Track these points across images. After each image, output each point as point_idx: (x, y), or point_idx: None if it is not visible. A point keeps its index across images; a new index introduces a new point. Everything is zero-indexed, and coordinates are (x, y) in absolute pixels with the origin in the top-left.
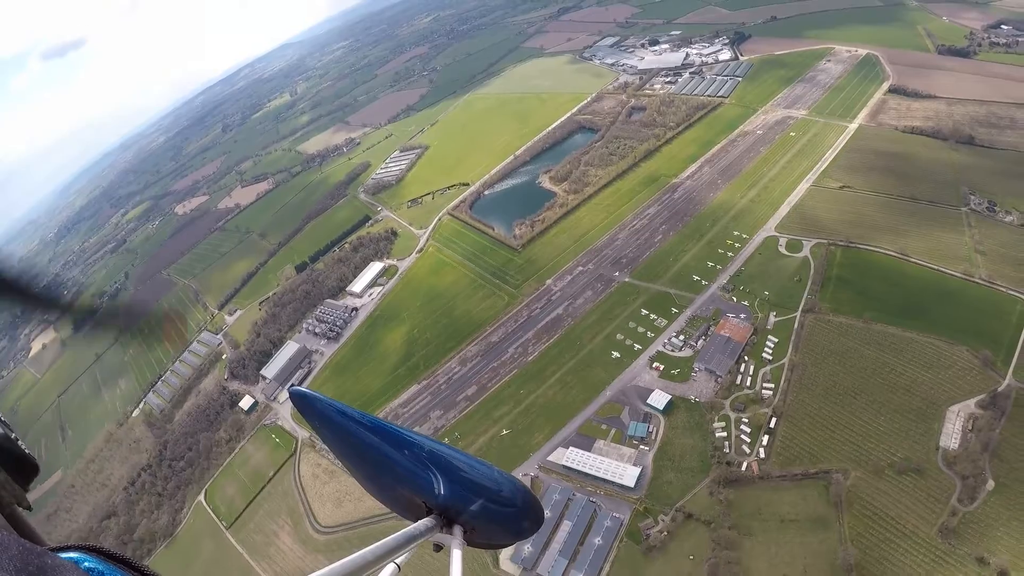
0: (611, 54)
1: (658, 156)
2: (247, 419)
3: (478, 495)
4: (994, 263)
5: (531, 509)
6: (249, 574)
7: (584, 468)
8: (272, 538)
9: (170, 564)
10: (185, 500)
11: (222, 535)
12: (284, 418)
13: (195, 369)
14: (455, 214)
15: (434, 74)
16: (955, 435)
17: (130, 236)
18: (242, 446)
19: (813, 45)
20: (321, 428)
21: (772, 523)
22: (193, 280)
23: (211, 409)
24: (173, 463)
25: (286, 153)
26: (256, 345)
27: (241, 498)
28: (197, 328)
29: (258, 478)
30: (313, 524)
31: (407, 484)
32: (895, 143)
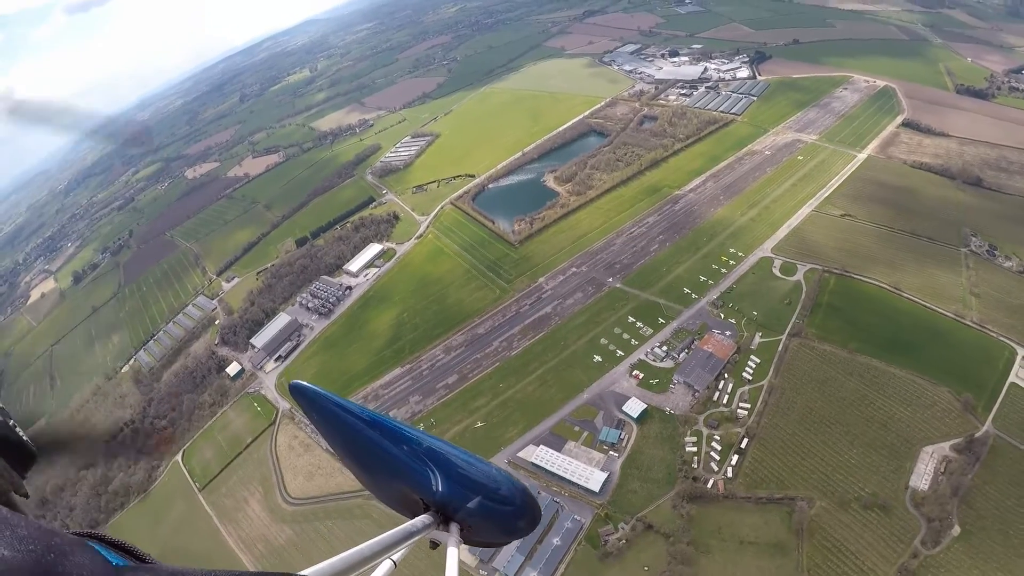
0: (630, 61)
1: (664, 166)
2: (232, 385)
3: (476, 492)
4: (988, 307)
5: (529, 508)
6: (216, 537)
7: (552, 468)
8: (242, 504)
9: (141, 520)
10: (163, 459)
11: (194, 496)
12: (268, 387)
13: (187, 331)
14: (458, 204)
15: (454, 64)
16: (926, 476)
17: (138, 195)
18: (224, 411)
19: (832, 72)
20: (319, 422)
21: (731, 543)
22: (195, 244)
23: (198, 372)
24: (155, 421)
25: (299, 128)
26: (249, 314)
27: (217, 462)
28: (194, 291)
29: (235, 444)
30: (283, 494)
31: (404, 480)
32: (902, 177)
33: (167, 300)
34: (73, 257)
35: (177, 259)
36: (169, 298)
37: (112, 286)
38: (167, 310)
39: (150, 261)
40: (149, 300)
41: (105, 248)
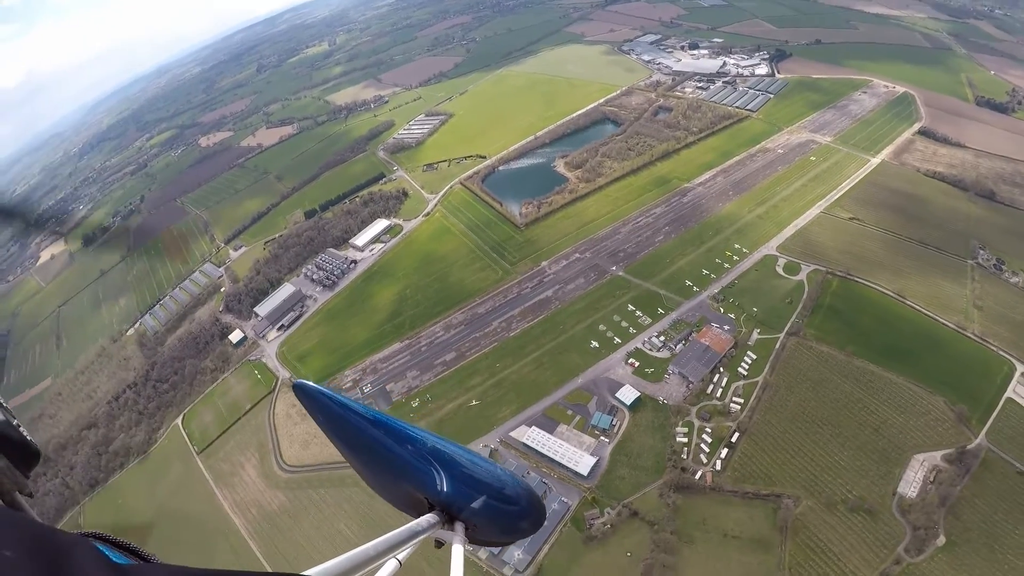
0: (649, 51)
1: (675, 158)
2: (234, 352)
3: (481, 492)
4: (990, 320)
5: (534, 508)
6: (211, 500)
7: (543, 449)
8: (238, 469)
9: (139, 480)
10: (163, 421)
11: (192, 459)
12: (269, 356)
13: (193, 297)
14: (467, 184)
15: (472, 44)
16: (915, 484)
17: (151, 161)
18: (225, 377)
19: (852, 75)
20: (323, 421)
21: (715, 536)
22: (205, 211)
23: (202, 338)
24: (158, 384)
25: (314, 101)
26: (254, 283)
27: (216, 427)
28: (201, 258)
29: (235, 410)
30: (279, 461)
31: (409, 479)
32: (914, 184)
33: (174, 266)
34: (85, 220)
35: (186, 225)
36: (176, 264)
37: (121, 250)
38: (174, 276)
39: (160, 227)
40: (157, 265)
41: (116, 212)
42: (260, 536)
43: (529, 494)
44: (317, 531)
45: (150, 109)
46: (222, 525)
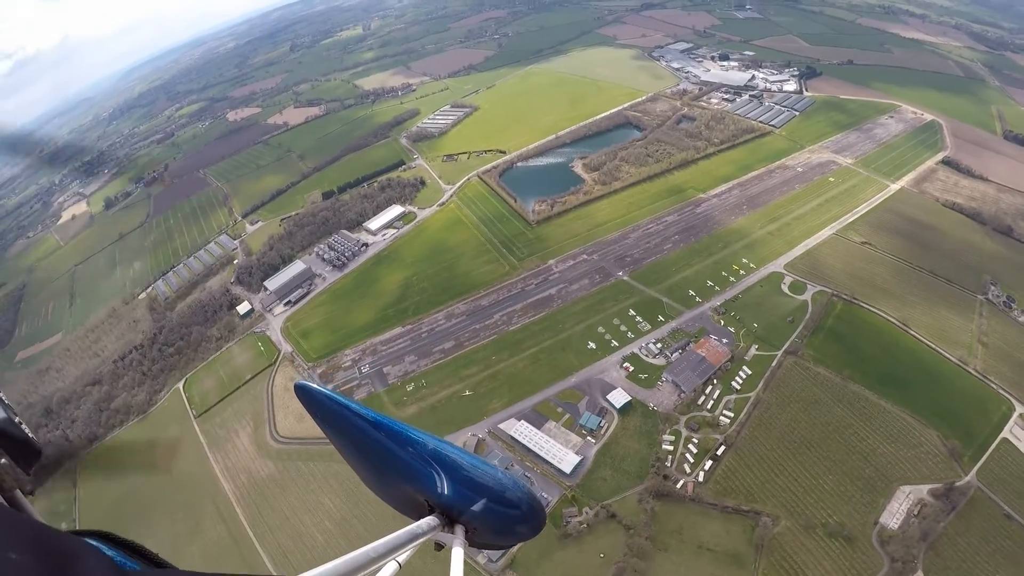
0: (679, 59)
1: (693, 168)
2: (240, 323)
3: (481, 495)
4: (993, 358)
5: (534, 512)
6: (203, 463)
7: (529, 443)
8: (232, 435)
9: (134, 437)
10: (166, 384)
11: (189, 422)
12: (273, 329)
13: (206, 267)
14: (484, 178)
15: (504, 39)
16: (898, 515)
17: (179, 131)
18: (229, 346)
19: (880, 98)
20: (324, 422)
21: (689, 546)
22: (226, 184)
23: (211, 307)
24: (164, 348)
25: (344, 84)
26: (267, 257)
27: (216, 393)
28: (218, 230)
29: (235, 378)
30: (272, 432)
31: (410, 481)
32: (931, 214)
33: (191, 235)
34: (108, 183)
35: (207, 197)
36: (193, 233)
37: (141, 216)
38: (190, 244)
39: (180, 196)
40: (174, 233)
41: (139, 178)
42: (247, 502)
43: (530, 498)
44: (302, 502)
45: (182, 80)
46: (211, 488)
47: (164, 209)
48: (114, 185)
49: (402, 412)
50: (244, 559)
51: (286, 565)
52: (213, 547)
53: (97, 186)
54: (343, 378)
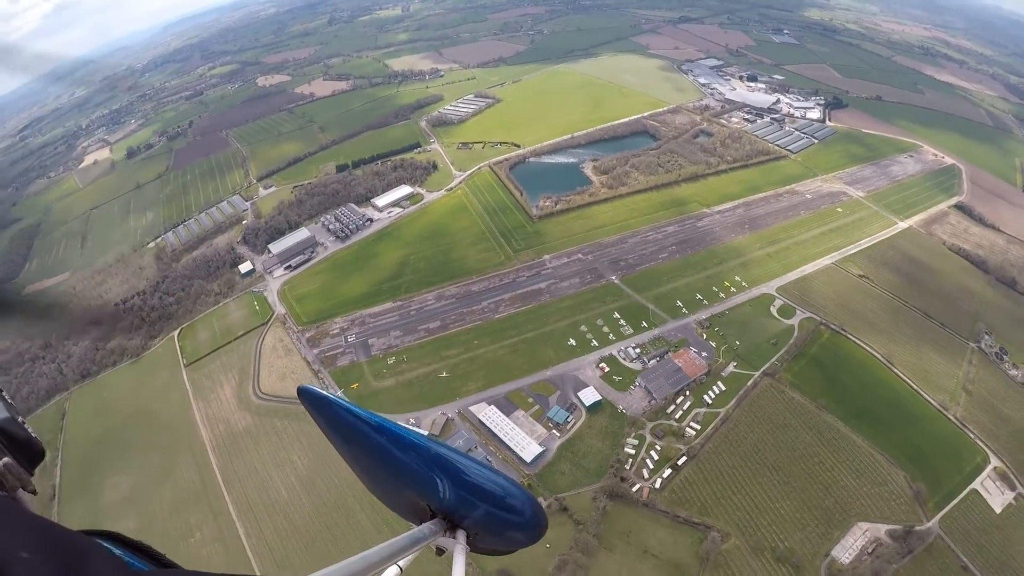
0: (707, 75)
1: (702, 183)
2: (240, 281)
3: (484, 501)
4: (976, 407)
5: (537, 519)
6: (186, 410)
7: (495, 429)
8: (217, 386)
9: (126, 379)
10: (161, 331)
11: (179, 370)
12: (271, 291)
13: (215, 224)
14: (495, 168)
15: (538, 36)
16: (851, 551)
17: (208, 90)
18: (226, 302)
19: (902, 136)
20: (327, 426)
21: (635, 549)
22: (246, 147)
23: (215, 262)
24: (164, 296)
25: (374, 62)
26: (274, 222)
27: (207, 345)
28: (232, 190)
29: (228, 333)
30: (255, 388)
31: (412, 486)
32: (935, 256)
33: (206, 192)
34: (132, 134)
35: (226, 157)
36: (208, 191)
37: (160, 168)
38: (203, 201)
39: (201, 153)
40: (190, 188)
41: (164, 132)
42: (221, 451)
43: (533, 504)
44: (272, 457)
45: (219, 40)
46: (189, 434)
47: (183, 164)
48: (139, 135)
49: (380, 383)
50: (210, 504)
51: (249, 514)
52: (183, 490)
53: (122, 135)
54: (329, 344)
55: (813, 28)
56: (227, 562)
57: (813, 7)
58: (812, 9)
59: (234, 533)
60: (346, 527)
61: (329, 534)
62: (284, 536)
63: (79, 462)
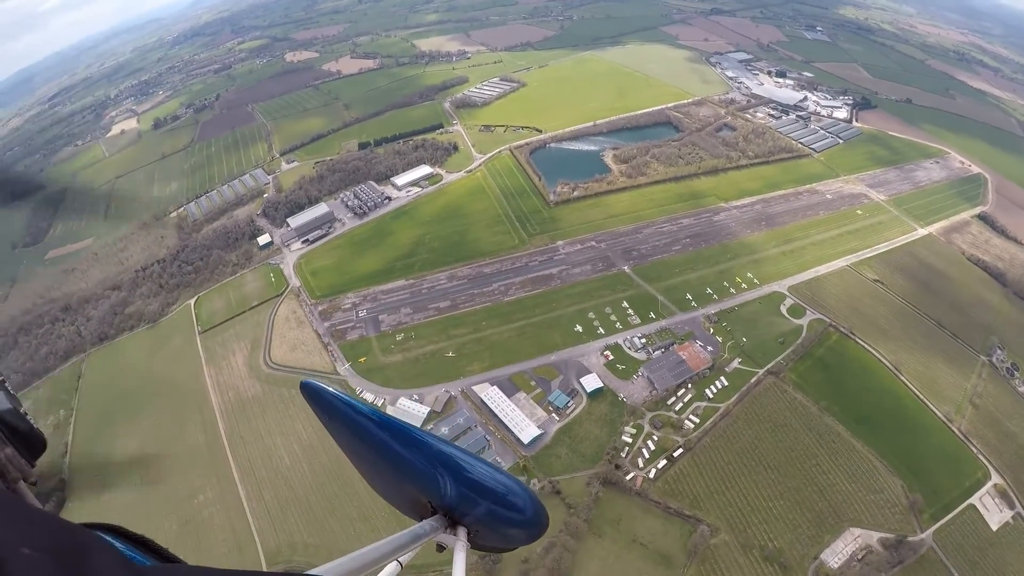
0: (735, 68)
1: (721, 177)
2: (258, 253)
3: (485, 498)
4: (981, 422)
5: (538, 517)
6: (198, 375)
7: (496, 409)
8: (229, 354)
9: (142, 343)
10: (179, 298)
11: (193, 336)
12: (287, 264)
13: (237, 196)
14: (515, 152)
15: (568, 22)
16: (841, 555)
17: (236, 64)
18: (243, 273)
19: (929, 141)
20: (329, 421)
21: (624, 537)
22: (271, 122)
23: (234, 233)
24: (183, 265)
25: (402, 42)
26: (294, 196)
27: (223, 314)
28: (255, 163)
29: (243, 303)
30: (266, 357)
31: (414, 482)
32: (952, 265)
33: (229, 164)
34: (160, 105)
35: (250, 131)
36: (231, 163)
37: (186, 140)
38: (226, 173)
39: (226, 126)
40: (213, 160)
41: (191, 104)
42: (229, 416)
43: (534, 503)
44: (277, 424)
45: (249, 15)
46: (200, 399)
47: (208, 136)
48: (166, 107)
49: (387, 358)
50: (215, 467)
51: (251, 478)
52: (190, 451)
53: (149, 106)
54: (340, 318)
55: (847, 26)
56: (228, 522)
57: (849, 5)
58: (848, 7)
59: (236, 496)
60: (343, 497)
61: (327, 502)
62: (283, 502)
63: (92, 421)
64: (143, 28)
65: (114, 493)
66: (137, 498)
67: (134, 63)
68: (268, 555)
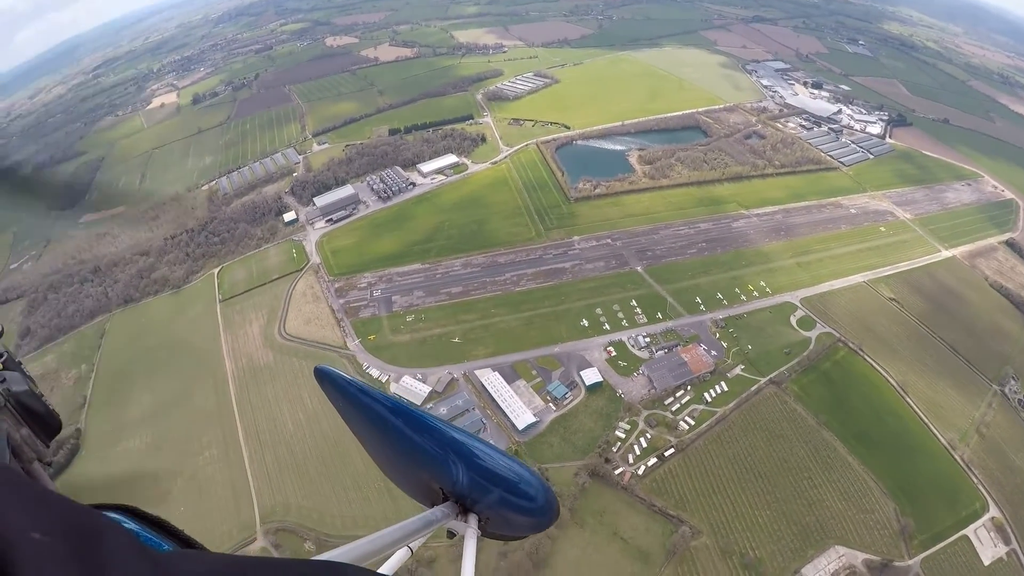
0: (770, 77)
1: (744, 184)
2: (283, 229)
3: (497, 486)
4: (986, 452)
5: (549, 505)
6: (215, 340)
7: (495, 394)
8: (246, 323)
9: (165, 307)
10: (203, 267)
11: (213, 304)
12: (309, 241)
13: (268, 174)
14: (541, 147)
15: (607, 21)
16: (822, 572)
17: (277, 45)
18: (267, 247)
19: (962, 163)
20: (343, 407)
21: (606, 530)
22: (306, 103)
23: (261, 209)
24: (210, 236)
25: (440, 32)
26: (322, 176)
27: (243, 284)
28: (288, 143)
29: (263, 275)
30: (281, 328)
31: (426, 469)
32: (973, 289)
33: (262, 142)
34: (200, 81)
35: (285, 111)
36: (264, 141)
37: (222, 116)
38: (259, 151)
39: (262, 105)
40: (248, 137)
41: (230, 82)
42: (240, 382)
43: (546, 491)
44: (285, 392)
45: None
46: (214, 363)
47: (245, 114)
48: (206, 83)
49: (396, 338)
50: (222, 428)
51: (255, 441)
52: (200, 412)
53: (190, 81)
54: (355, 296)
55: (890, 42)
56: (229, 479)
57: (894, 21)
58: (893, 23)
59: (239, 456)
60: (340, 466)
61: (323, 469)
62: (283, 465)
63: (111, 378)
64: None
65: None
66: (147, 452)
67: (178, 39)
68: (263, 512)
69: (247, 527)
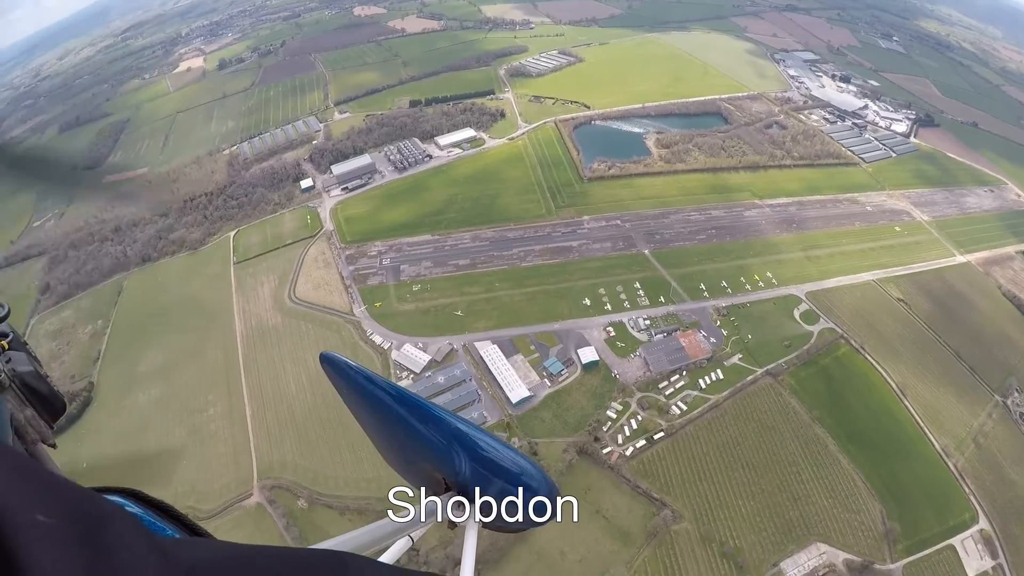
0: (798, 67)
1: (761, 173)
2: (299, 195)
3: (500, 477)
4: (981, 463)
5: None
6: (227, 301)
7: (492, 367)
8: (258, 285)
9: (181, 267)
10: (220, 229)
11: (228, 266)
12: (324, 208)
13: (288, 140)
14: (559, 125)
15: (636, 2)
16: (801, 568)
17: (305, 13)
18: (283, 212)
19: (986, 168)
20: (347, 393)
21: (588, 507)
22: (330, 72)
23: (279, 175)
24: (228, 199)
25: (468, 5)
26: (341, 145)
27: (258, 248)
28: (310, 110)
29: (277, 240)
30: (290, 292)
31: (429, 459)
32: (984, 298)
33: (285, 110)
34: (227, 47)
35: (309, 79)
36: (287, 108)
37: (247, 82)
38: (281, 118)
39: (287, 73)
40: (271, 104)
41: (256, 48)
42: (248, 341)
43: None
44: (290, 354)
45: None
46: (224, 323)
47: (269, 81)
48: (233, 49)
49: (400, 306)
50: (228, 386)
51: (258, 399)
52: (208, 369)
53: (217, 46)
54: (364, 264)
55: (925, 40)
56: (231, 435)
57: (932, 19)
58: (931, 21)
59: (242, 413)
60: (338, 429)
61: (322, 430)
62: (283, 424)
63: (125, 333)
64: None
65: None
66: (154, 406)
67: (207, 3)
68: (261, 468)
69: (244, 482)
